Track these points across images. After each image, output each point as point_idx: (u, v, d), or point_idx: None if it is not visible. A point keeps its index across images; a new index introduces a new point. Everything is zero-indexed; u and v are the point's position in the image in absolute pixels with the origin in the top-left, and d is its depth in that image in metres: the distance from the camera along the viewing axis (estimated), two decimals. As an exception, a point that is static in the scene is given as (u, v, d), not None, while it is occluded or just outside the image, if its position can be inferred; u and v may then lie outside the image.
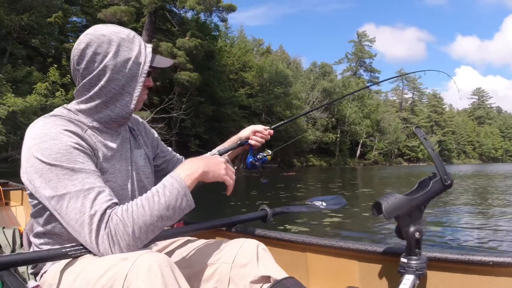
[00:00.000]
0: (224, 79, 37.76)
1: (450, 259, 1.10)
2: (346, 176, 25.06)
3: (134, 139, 1.31)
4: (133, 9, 26.91)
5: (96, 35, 1.09)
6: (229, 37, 47.65)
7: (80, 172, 0.98)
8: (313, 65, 63.99)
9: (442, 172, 1.00)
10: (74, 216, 0.94)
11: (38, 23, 24.27)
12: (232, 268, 1.13)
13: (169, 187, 1.00)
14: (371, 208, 0.98)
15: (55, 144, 0.99)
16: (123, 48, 1.11)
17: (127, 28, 1.19)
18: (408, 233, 1.01)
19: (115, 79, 1.10)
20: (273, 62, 43.33)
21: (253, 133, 1.62)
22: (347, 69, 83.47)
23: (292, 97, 45.11)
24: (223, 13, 30.85)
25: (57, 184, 0.96)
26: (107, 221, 0.93)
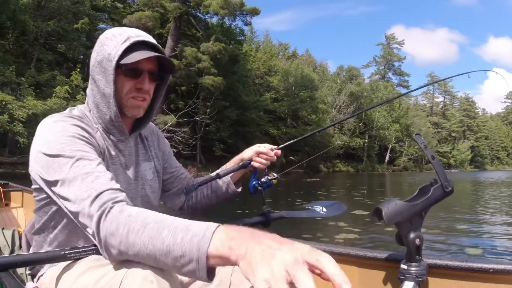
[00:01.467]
0: (249, 84, 37.51)
1: (451, 266, 1.10)
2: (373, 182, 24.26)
3: (144, 151, 1.27)
4: (157, 15, 27.03)
5: (98, 39, 1.11)
6: (254, 41, 47.52)
7: (82, 159, 0.95)
8: (340, 69, 63.07)
9: (443, 178, 1.00)
10: (73, 196, 0.90)
11: (65, 29, 24.73)
12: (233, 272, 1.08)
13: (187, 232, 0.75)
14: (371, 214, 0.95)
15: (61, 136, 0.98)
16: (103, 47, 1.08)
17: (145, 31, 1.15)
18: (408, 240, 1.00)
19: (97, 80, 1.09)
20: (298, 66, 42.78)
21: (257, 155, 1.45)
22: (375, 73, 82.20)
23: (318, 101, 44.35)
24: (247, 17, 30.75)
25: (59, 172, 0.93)
26: (106, 204, 0.86)
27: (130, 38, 1.07)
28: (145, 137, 1.29)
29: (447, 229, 6.42)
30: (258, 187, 1.46)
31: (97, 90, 1.10)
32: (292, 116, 41.14)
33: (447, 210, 9.02)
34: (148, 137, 1.32)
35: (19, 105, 16.98)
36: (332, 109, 50.09)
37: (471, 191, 17.79)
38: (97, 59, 1.08)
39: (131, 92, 1.11)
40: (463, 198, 13.49)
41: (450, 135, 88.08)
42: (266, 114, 37.17)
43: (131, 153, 1.20)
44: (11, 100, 16.56)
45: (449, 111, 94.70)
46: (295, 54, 56.67)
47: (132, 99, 1.12)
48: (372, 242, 5.29)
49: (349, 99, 52.18)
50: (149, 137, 1.32)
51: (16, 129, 16.50)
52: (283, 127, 38.95)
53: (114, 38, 1.08)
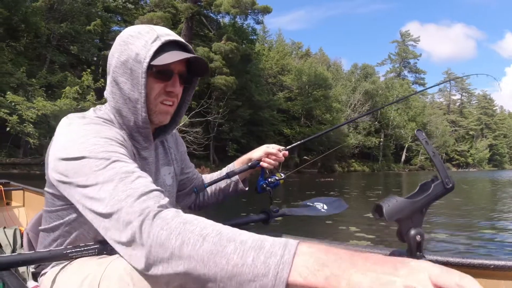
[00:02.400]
0: (262, 83, 37.30)
1: (451, 262, 1.10)
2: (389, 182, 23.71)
3: (165, 154, 1.22)
4: (169, 15, 27.10)
5: (119, 37, 1.01)
6: (267, 41, 47.24)
7: (118, 161, 0.84)
8: (354, 67, 62.34)
9: (444, 175, 1.00)
10: (108, 196, 0.77)
11: (77, 31, 24.91)
12: None
13: (259, 251, 0.60)
14: (372, 211, 0.95)
15: (91, 138, 0.88)
16: (128, 46, 0.97)
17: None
18: (409, 236, 0.99)
19: (120, 83, 0.98)
20: (312, 65, 42.23)
21: (266, 155, 1.43)
22: (390, 71, 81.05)
23: (332, 100, 43.83)
24: (258, 16, 30.54)
25: (90, 174, 0.81)
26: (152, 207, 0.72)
27: (160, 37, 0.97)
28: (165, 139, 1.23)
29: (464, 228, 6.32)
30: (266, 187, 1.46)
31: (120, 94, 1.00)
32: (306, 115, 40.67)
33: (464, 209, 8.74)
34: (168, 139, 1.26)
35: (28, 105, 17.08)
36: (346, 108, 49.45)
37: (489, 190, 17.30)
38: (120, 59, 0.98)
39: (160, 96, 1.03)
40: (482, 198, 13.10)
41: (468, 134, 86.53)
42: (279, 114, 36.88)
43: (153, 160, 1.13)
44: (21, 101, 16.67)
45: (466, 109, 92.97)
46: (308, 53, 56.19)
47: (160, 104, 1.03)
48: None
49: (364, 97, 51.45)
50: (168, 139, 1.27)
51: (26, 130, 16.56)
52: (297, 127, 38.54)
53: (141, 37, 0.98)
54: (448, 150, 75.35)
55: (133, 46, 0.97)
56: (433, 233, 5.86)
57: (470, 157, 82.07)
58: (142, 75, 0.96)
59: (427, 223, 6.60)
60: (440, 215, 7.76)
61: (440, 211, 8.27)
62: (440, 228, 6.31)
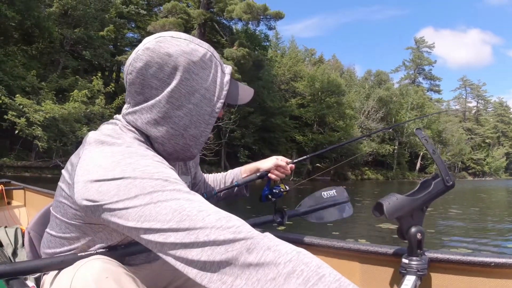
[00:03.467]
0: (275, 89, 37.09)
1: (452, 259, 1.10)
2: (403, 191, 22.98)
3: (183, 164, 1.19)
4: (181, 21, 27.09)
5: (160, 52, 0.86)
6: (280, 47, 47.06)
7: (177, 182, 0.76)
8: (368, 74, 61.74)
9: (444, 173, 1.01)
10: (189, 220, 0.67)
11: (90, 37, 25.10)
12: None
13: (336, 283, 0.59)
14: (372, 209, 0.97)
15: (141, 160, 0.79)
16: (191, 76, 0.87)
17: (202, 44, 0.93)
18: (409, 234, 1.01)
19: (174, 117, 0.88)
20: (324, 71, 41.85)
21: (275, 167, 1.42)
22: (404, 77, 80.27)
23: (346, 106, 43.29)
24: (270, 21, 30.24)
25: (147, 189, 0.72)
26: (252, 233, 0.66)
27: (220, 66, 0.94)
28: None
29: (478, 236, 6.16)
30: (270, 198, 1.45)
31: (168, 128, 0.89)
32: (319, 122, 40.21)
33: (480, 217, 8.39)
34: None
35: (36, 108, 17.14)
36: (360, 115, 48.85)
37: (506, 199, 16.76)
38: (181, 90, 0.86)
39: None
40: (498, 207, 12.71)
41: (484, 142, 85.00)
42: (292, 120, 36.53)
43: (176, 169, 1.10)
44: (29, 103, 16.72)
45: (482, 116, 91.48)
46: (322, 60, 55.84)
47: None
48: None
49: (377, 104, 50.80)
50: None
51: (35, 133, 16.57)
52: (310, 133, 38.11)
53: (205, 66, 0.90)
54: (464, 158, 74.04)
55: (199, 78, 0.89)
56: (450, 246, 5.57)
57: (487, 165, 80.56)
58: (213, 114, 0.93)
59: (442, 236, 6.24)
60: (456, 223, 7.39)
61: (457, 223, 7.90)
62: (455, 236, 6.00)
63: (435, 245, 5.43)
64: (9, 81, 17.77)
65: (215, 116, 0.93)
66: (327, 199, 1.53)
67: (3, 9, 19.32)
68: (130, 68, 0.88)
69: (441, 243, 5.59)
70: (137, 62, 0.87)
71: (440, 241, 5.69)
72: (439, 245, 5.47)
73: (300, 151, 36.93)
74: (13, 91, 17.32)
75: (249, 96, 1.02)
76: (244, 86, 1.02)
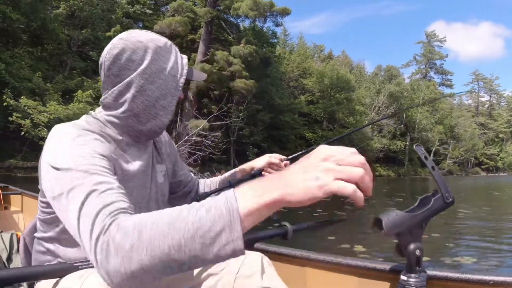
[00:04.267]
0: (284, 86, 36.79)
1: (450, 277, 1.11)
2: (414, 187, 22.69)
3: (157, 153, 1.26)
4: (187, 20, 26.98)
5: (132, 40, 1.04)
6: (288, 44, 46.71)
7: (97, 174, 0.86)
8: (378, 69, 61.11)
9: (444, 189, 1.01)
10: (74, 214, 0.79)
11: (97, 37, 25.15)
12: (236, 279, 1.11)
13: (209, 204, 0.65)
14: (371, 225, 0.97)
15: (80, 149, 0.92)
16: (158, 57, 1.06)
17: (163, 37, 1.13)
18: (408, 251, 1.01)
19: (148, 90, 1.05)
20: (334, 67, 41.44)
21: (268, 165, 1.46)
22: (416, 72, 79.32)
23: (356, 102, 42.86)
24: (277, 18, 29.95)
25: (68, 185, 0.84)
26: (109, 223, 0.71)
27: (179, 52, 1.13)
28: (156, 140, 1.27)
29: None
30: None
31: (143, 99, 1.05)
32: (329, 119, 39.84)
33: (492, 217, 8.15)
34: (160, 139, 1.30)
35: (40, 110, 17.23)
36: (370, 111, 48.33)
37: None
38: (150, 68, 1.04)
39: None
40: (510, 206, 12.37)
41: (498, 136, 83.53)
42: (301, 117, 36.18)
43: (149, 157, 1.18)
44: (34, 105, 16.84)
45: (495, 111, 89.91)
46: (331, 56, 55.40)
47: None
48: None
49: (388, 100, 50.20)
50: (161, 139, 1.31)
51: (41, 134, 16.69)
52: (319, 130, 37.75)
53: (169, 50, 1.09)
54: (477, 153, 72.87)
55: (165, 59, 1.07)
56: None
57: (500, 161, 79.21)
58: (178, 88, 1.10)
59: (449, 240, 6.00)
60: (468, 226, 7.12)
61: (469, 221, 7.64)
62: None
63: (440, 250, 5.23)
64: (15, 83, 17.91)
65: (179, 90, 1.11)
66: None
67: (8, 11, 19.48)
68: (108, 56, 1.03)
69: (446, 249, 5.37)
70: (114, 50, 1.02)
71: (445, 246, 5.49)
72: (444, 251, 5.25)
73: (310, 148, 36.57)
74: (20, 93, 17.43)
75: (203, 76, 1.20)
76: (197, 71, 1.19)
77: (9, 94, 16.10)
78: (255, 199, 0.63)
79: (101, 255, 0.66)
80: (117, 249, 0.65)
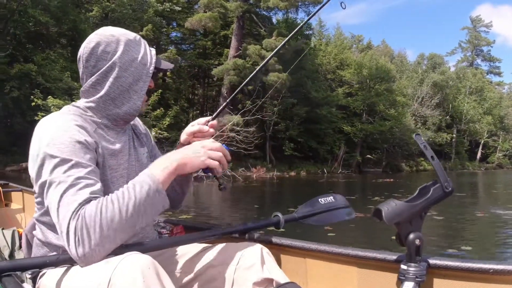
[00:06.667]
0: (320, 79, 35.57)
1: (451, 266, 1.11)
2: (460, 183, 20.88)
3: (137, 138, 1.38)
4: (217, 15, 26.65)
5: (105, 35, 1.18)
6: (324, 35, 45.33)
7: (77, 165, 1.01)
8: (421, 57, 58.34)
9: (443, 179, 1.03)
10: (54, 204, 0.97)
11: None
12: (236, 270, 1.16)
13: (140, 183, 1.00)
14: (371, 215, 1.00)
15: (62, 136, 1.04)
16: (130, 48, 1.19)
17: (146, 38, 1.63)
18: (408, 240, 1.03)
19: (122, 77, 1.17)
20: (372, 57, 39.57)
21: (191, 136, 1.37)
22: (461, 60, 75.14)
23: (397, 93, 40.82)
24: (309, 8, 29.13)
25: (51, 173, 0.99)
26: (79, 214, 0.93)
27: (147, 45, 1.28)
28: (132, 127, 1.38)
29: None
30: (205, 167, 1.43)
31: (118, 85, 1.18)
32: (368, 111, 38.04)
33: None
34: (138, 127, 1.42)
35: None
36: (413, 102, 46.09)
37: None
38: (124, 58, 1.17)
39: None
40: None
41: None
42: (339, 110, 34.74)
43: (129, 140, 1.29)
44: (60, 104, 16.76)
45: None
46: (370, 46, 53.21)
47: (145, 96, 1.26)
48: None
49: (432, 89, 47.69)
50: (138, 128, 1.43)
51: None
52: (359, 123, 36.13)
53: (138, 43, 1.22)
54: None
55: (135, 50, 1.20)
56: None
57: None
58: (148, 74, 1.22)
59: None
60: None
61: None
62: None
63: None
64: (46, 84, 18.12)
65: (150, 76, 1.23)
66: (324, 205, 1.56)
67: (37, 14, 19.80)
68: (85, 50, 1.16)
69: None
70: (90, 43, 1.16)
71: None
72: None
73: (349, 142, 35.26)
74: (52, 93, 17.59)
75: (170, 65, 1.33)
76: (164, 61, 1.32)
77: (39, 94, 16.18)
78: (165, 169, 1.04)
79: (72, 241, 0.90)
80: (87, 233, 0.90)
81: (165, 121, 19.50)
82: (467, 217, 7.68)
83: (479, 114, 55.32)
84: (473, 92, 56.49)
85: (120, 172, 1.19)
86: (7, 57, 19.20)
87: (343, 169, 33.35)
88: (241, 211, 9.07)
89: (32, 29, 21.26)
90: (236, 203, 11.20)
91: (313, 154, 32.69)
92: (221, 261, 1.19)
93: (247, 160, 26.43)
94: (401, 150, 40.16)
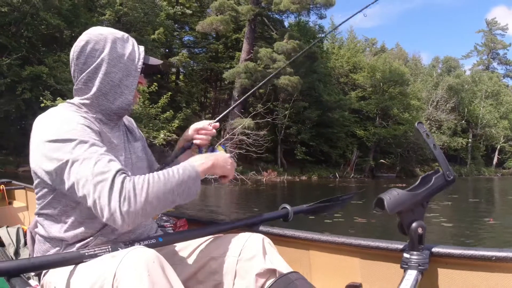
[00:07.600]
0: (332, 82, 35.22)
1: (453, 254, 1.11)
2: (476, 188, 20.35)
3: (130, 133, 1.42)
4: (228, 18, 26.63)
5: (94, 33, 1.23)
6: (337, 39, 44.99)
7: (94, 145, 1.05)
8: (436, 61, 57.50)
9: (445, 168, 1.03)
10: (86, 174, 0.98)
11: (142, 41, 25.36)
12: (238, 261, 1.17)
13: (182, 167, 1.09)
14: (373, 204, 0.99)
15: (70, 123, 1.08)
16: (118, 46, 1.23)
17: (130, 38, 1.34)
18: (410, 229, 1.03)
19: (111, 72, 1.21)
20: (386, 60, 39.05)
21: (196, 132, 1.51)
22: (477, 63, 73.82)
23: (411, 97, 40.18)
24: (321, 10, 28.99)
25: (72, 152, 1.02)
26: (123, 179, 0.98)
27: (135, 42, 1.32)
28: (125, 123, 1.42)
29: None
30: None
31: (108, 80, 1.22)
32: (382, 115, 37.48)
33: None
34: (129, 125, 1.45)
35: None
36: (427, 105, 45.35)
37: None
38: (113, 55, 1.21)
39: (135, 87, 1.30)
40: None
41: None
42: (352, 114, 34.33)
43: (123, 135, 1.34)
44: None
45: None
46: (384, 49, 52.63)
47: (136, 92, 1.30)
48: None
49: (447, 93, 46.87)
50: (129, 125, 1.45)
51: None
52: (372, 127, 35.61)
53: (126, 40, 1.27)
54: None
55: (123, 47, 1.24)
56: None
57: None
58: (137, 69, 1.27)
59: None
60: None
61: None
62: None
63: None
64: (57, 86, 18.25)
65: (138, 71, 1.27)
66: (333, 199, 1.66)
67: (48, 17, 19.99)
68: (75, 49, 1.21)
69: None
70: (80, 43, 1.21)
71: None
72: None
73: (362, 146, 34.79)
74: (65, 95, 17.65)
75: (159, 62, 1.37)
76: (153, 58, 1.35)
77: (49, 96, 16.28)
78: (203, 164, 1.15)
79: (123, 201, 0.94)
80: (135, 191, 0.96)
81: (174, 124, 19.37)
82: (480, 224, 7.37)
83: (495, 119, 54.16)
84: (489, 96, 55.36)
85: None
86: (19, 59, 19.43)
87: (355, 174, 32.89)
88: (232, 215, 8.98)
89: (45, 32, 21.49)
90: (236, 204, 11.05)
91: (325, 158, 32.28)
92: (223, 253, 1.21)
93: (258, 164, 26.25)
94: (416, 155, 39.48)
